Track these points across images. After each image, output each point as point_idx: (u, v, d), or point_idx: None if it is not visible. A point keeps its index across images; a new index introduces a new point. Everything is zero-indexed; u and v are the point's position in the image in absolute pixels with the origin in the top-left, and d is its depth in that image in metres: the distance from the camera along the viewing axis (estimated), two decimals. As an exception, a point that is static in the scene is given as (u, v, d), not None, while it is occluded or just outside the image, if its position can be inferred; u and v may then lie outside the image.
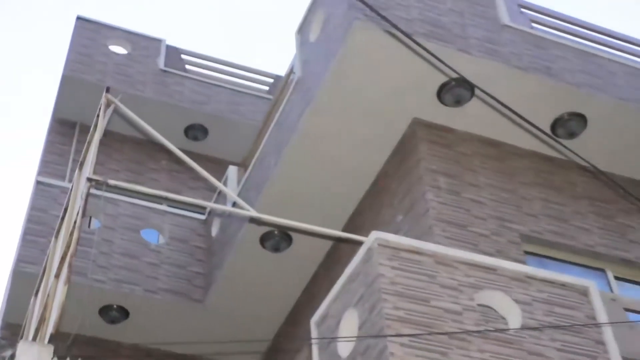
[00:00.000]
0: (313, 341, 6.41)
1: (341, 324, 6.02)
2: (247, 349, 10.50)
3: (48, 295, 6.63)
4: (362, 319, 5.72)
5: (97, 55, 13.00)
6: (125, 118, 7.89)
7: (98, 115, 7.13)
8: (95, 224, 10.49)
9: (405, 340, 5.34)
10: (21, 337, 8.04)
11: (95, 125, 7.15)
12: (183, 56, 14.07)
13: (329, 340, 6.11)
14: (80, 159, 7.75)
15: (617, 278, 8.26)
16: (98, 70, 12.73)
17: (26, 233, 10.21)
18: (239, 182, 10.33)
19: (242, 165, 10.64)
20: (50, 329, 5.53)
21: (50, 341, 5.40)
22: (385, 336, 5.32)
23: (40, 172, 11.93)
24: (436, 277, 5.84)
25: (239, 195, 9.28)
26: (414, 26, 7.54)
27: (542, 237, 8.06)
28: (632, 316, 6.51)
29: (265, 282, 9.93)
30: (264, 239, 9.47)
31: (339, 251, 9.08)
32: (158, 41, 13.74)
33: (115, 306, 10.12)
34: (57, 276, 6.42)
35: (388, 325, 5.38)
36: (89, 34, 13.24)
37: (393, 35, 7.57)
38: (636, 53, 9.66)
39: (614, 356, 6.02)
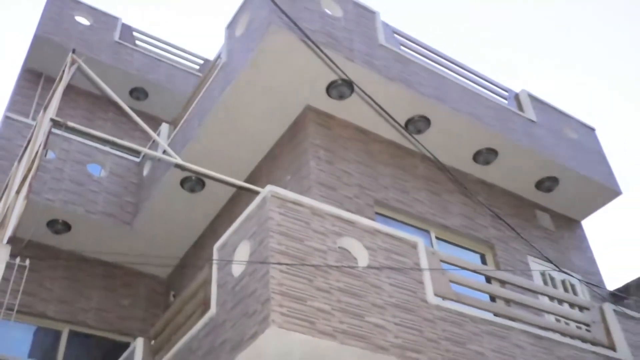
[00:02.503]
0: (214, 262, 6.40)
1: (236, 251, 6.03)
2: (161, 263, 10.42)
3: (8, 208, 6.37)
4: (252, 249, 5.76)
5: (64, 23, 12.37)
6: (85, 75, 7.57)
7: (64, 70, 6.83)
8: (50, 155, 10.06)
9: (283, 267, 5.41)
10: (-18, 237, 7.65)
11: (61, 78, 6.85)
12: (134, 33, 13.63)
13: (226, 263, 6.13)
14: (45, 103, 7.40)
15: (437, 238, 8.59)
16: (64, 35, 12.14)
17: (-7, 156, 9.72)
18: (168, 136, 10.13)
19: (173, 123, 10.42)
20: (9, 232, 5.32)
21: (8, 242, 5.19)
22: (268, 263, 5.38)
23: (9, 109, 11.34)
24: (310, 224, 5.91)
25: (168, 146, 9.11)
26: (315, 35, 7.53)
27: (388, 203, 8.27)
28: (445, 266, 6.77)
29: (181, 214, 9.80)
30: (183, 182, 9.32)
31: (240, 197, 9.05)
32: (115, 19, 13.22)
33: (60, 220, 9.77)
34: (17, 192, 6.16)
35: (271, 255, 5.43)
36: (59, 4, 12.58)
37: (299, 40, 7.58)
38: (468, 77, 9.97)
39: (429, 293, 6.28)
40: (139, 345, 7.59)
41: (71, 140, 10.35)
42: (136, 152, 10.89)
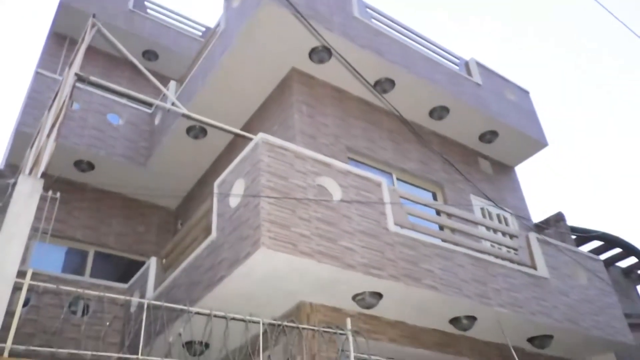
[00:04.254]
0: (215, 195, 6.42)
1: (234, 187, 6.04)
2: (171, 195, 10.41)
3: (40, 149, 6.26)
4: (246, 185, 5.77)
5: (85, -7, 11.99)
6: (104, 37, 7.33)
7: (85, 32, 6.61)
8: (75, 106, 9.85)
9: (271, 200, 5.45)
10: (20, 173, 7.55)
11: (83, 39, 6.63)
12: (146, 2, 13.20)
13: (225, 196, 6.15)
14: (70, 61, 7.18)
15: (398, 179, 8.67)
16: (85, 2, 11.77)
17: (26, 106, 9.49)
18: (176, 92, 9.95)
19: (179, 81, 10.21)
20: (42, 169, 5.25)
21: (41, 177, 5.13)
22: (259, 196, 5.41)
23: (39, 67, 11.02)
24: (294, 165, 5.92)
25: (175, 99, 8.96)
26: (301, 8, 7.35)
27: (358, 150, 8.27)
28: (403, 201, 6.84)
29: (187, 157, 9.72)
30: (188, 130, 9.21)
31: (236, 144, 9.00)
32: (130, -11, 12.85)
33: (85, 161, 9.65)
34: (48, 136, 6.04)
35: (262, 190, 5.46)
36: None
37: (287, 12, 7.40)
38: (427, 47, 9.87)
39: (390, 222, 6.37)
40: (152, 263, 7.67)
41: (93, 94, 10.15)
42: (149, 105, 10.72)
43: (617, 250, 14.53)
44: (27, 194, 4.28)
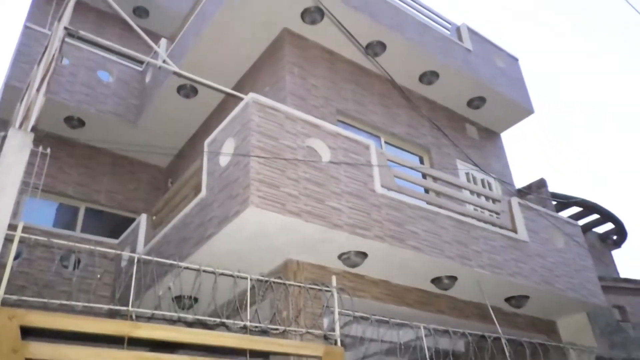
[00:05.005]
0: (205, 154, 6.38)
1: (224, 146, 6.00)
2: (162, 152, 10.34)
3: (30, 103, 6.14)
4: (237, 144, 5.74)
5: (74, -54, 11.54)
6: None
7: (75, -13, 6.38)
8: (65, 61, 9.64)
9: (261, 160, 5.43)
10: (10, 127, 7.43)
11: (73, -7, 6.41)
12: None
13: (215, 154, 6.12)
14: (59, 15, 6.97)
15: (386, 142, 8.66)
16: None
17: (15, 60, 9.26)
18: (167, 49, 9.76)
19: (171, 39, 10.00)
20: (32, 123, 5.15)
21: (31, 131, 5.05)
22: (249, 156, 5.39)
23: (28, 21, 10.70)
24: (284, 126, 5.88)
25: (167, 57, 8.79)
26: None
27: (348, 113, 8.24)
28: (390, 164, 6.85)
29: (177, 116, 9.62)
30: (179, 89, 9.08)
31: (227, 104, 8.90)
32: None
33: (75, 117, 9.51)
34: (37, 90, 5.91)
35: (252, 150, 5.43)
36: None
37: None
38: (419, 11, 9.72)
39: (377, 184, 6.39)
40: (143, 220, 7.68)
41: (83, 50, 9.93)
42: (139, 62, 10.53)
43: (595, 216, 14.80)
44: (17, 147, 4.21)
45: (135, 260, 4.46)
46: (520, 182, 12.11)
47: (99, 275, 7.44)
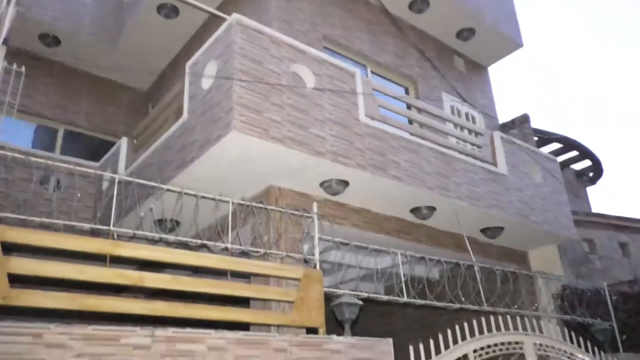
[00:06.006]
0: (187, 76, 6.23)
1: (206, 68, 5.86)
2: (142, 73, 10.06)
3: (1, 14, 5.85)
4: (219, 67, 5.60)
5: None
6: None
7: None
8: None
9: (244, 84, 5.33)
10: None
11: None
12: None
13: (197, 77, 5.97)
14: None
15: (372, 72, 8.55)
16: None
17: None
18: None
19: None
20: (3, 35, 4.94)
21: (3, 44, 4.86)
22: (232, 79, 5.28)
23: None
24: (269, 50, 5.73)
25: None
26: None
27: (334, 39, 8.02)
28: (375, 93, 6.79)
29: (158, 38, 9.26)
30: (159, 8, 8.69)
31: (210, 26, 8.59)
32: None
33: (51, 35, 9.11)
34: (8, 2, 5.62)
35: (235, 73, 5.31)
36: None
37: None
38: None
39: (361, 113, 6.36)
40: (123, 144, 7.59)
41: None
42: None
43: (574, 153, 15.04)
44: (-11, 60, 4.05)
45: (116, 181, 4.43)
46: (504, 116, 12.11)
47: (78, 194, 7.42)
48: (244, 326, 4.55)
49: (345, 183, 6.20)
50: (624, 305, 7.90)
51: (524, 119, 10.41)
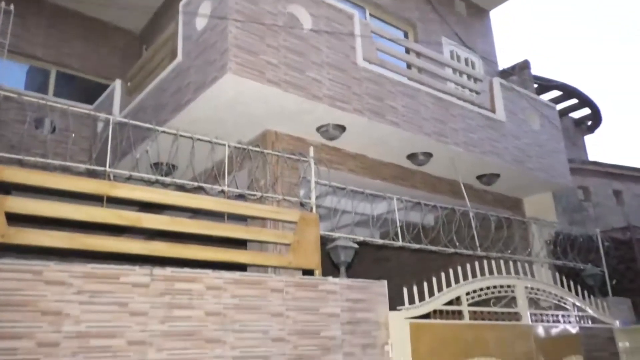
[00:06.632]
0: (180, 15, 6.06)
1: (200, 8, 5.69)
2: (137, 15, 9.80)
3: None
4: (214, 7, 5.44)
5: None
6: None
7: None
8: None
9: (240, 24, 5.20)
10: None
11: None
12: None
13: (192, 16, 5.82)
14: None
15: (371, 15, 8.35)
16: None
17: None
18: None
19: None
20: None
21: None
22: (227, 19, 5.15)
23: None
24: (265, -11, 5.56)
25: None
26: None
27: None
28: (373, 37, 6.65)
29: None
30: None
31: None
32: None
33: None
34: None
35: (230, 13, 5.18)
36: None
37: None
38: None
39: (359, 57, 6.24)
40: (117, 86, 7.49)
41: None
42: None
43: (573, 101, 14.94)
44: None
45: (111, 123, 4.40)
46: (504, 63, 11.93)
47: (73, 135, 7.38)
48: (241, 267, 4.64)
49: (342, 128, 6.17)
50: (616, 252, 8.06)
51: (524, 65, 10.27)
